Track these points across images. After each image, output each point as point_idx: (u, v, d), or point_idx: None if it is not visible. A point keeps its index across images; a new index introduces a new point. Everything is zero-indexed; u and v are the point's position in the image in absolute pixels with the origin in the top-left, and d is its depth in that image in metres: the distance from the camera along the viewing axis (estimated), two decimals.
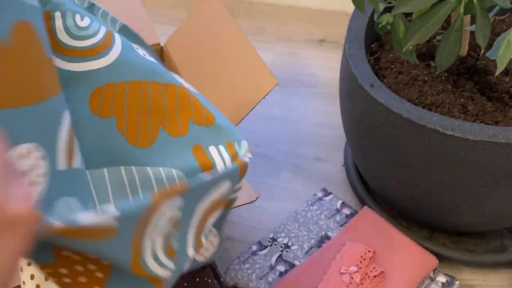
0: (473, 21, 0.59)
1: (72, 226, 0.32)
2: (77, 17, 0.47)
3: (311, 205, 0.72)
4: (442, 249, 0.70)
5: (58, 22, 0.46)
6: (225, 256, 0.72)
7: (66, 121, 0.42)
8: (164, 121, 0.48)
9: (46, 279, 0.45)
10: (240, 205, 0.58)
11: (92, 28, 0.48)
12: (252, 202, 0.59)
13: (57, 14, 0.46)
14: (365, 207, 0.71)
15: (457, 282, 0.65)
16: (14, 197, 0.29)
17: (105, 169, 0.47)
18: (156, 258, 0.40)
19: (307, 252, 0.67)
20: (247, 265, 0.66)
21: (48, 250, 0.37)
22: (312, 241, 0.68)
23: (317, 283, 0.62)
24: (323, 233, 0.69)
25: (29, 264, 0.47)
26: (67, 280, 0.38)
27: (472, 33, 0.62)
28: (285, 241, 0.68)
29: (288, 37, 1.05)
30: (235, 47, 0.70)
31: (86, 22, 0.48)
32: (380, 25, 0.62)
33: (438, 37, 0.69)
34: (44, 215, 0.31)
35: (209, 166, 0.47)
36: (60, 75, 0.44)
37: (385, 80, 0.65)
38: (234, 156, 0.47)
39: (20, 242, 0.30)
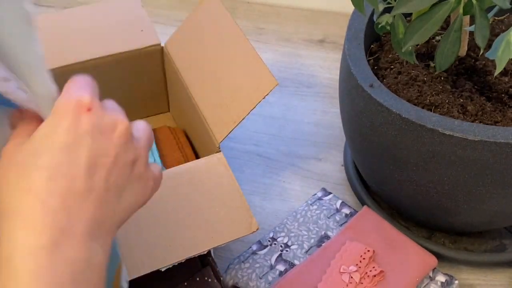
0: (472, 22, 0.59)
1: None
2: None
3: (311, 204, 0.73)
4: (441, 249, 0.70)
5: None
6: (225, 256, 0.72)
7: None
8: None
9: None
10: (240, 237, 0.59)
11: None
12: (252, 233, 0.60)
13: None
14: (365, 207, 0.71)
15: (456, 282, 0.65)
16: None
17: None
18: None
19: (306, 251, 0.67)
20: (247, 265, 0.66)
21: None
22: (312, 240, 0.68)
23: (316, 283, 0.62)
24: (323, 232, 0.69)
25: None
26: None
27: (471, 34, 0.63)
28: (285, 240, 0.68)
29: (288, 37, 1.05)
30: (235, 47, 0.70)
31: None
32: (379, 26, 0.63)
33: (437, 38, 0.69)
34: None
35: None
36: None
37: (384, 80, 0.65)
38: None
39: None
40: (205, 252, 0.58)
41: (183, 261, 0.56)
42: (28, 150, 0.34)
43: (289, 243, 0.68)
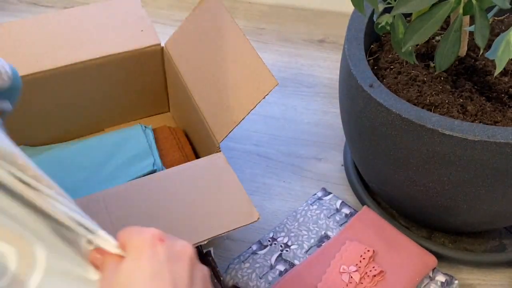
0: (472, 22, 0.59)
1: None
2: None
3: (311, 204, 0.73)
4: (441, 249, 0.70)
5: None
6: (225, 256, 0.72)
7: None
8: None
9: None
10: (241, 226, 0.59)
11: None
12: (253, 222, 0.59)
13: None
14: (365, 207, 0.71)
15: (456, 282, 0.65)
16: None
17: None
18: None
19: (306, 251, 0.67)
20: (247, 264, 0.66)
21: None
22: (312, 240, 0.68)
23: (316, 282, 0.62)
24: (323, 232, 0.69)
25: None
26: None
27: (471, 34, 0.63)
28: (285, 240, 0.68)
29: (288, 37, 1.05)
30: (235, 47, 0.70)
31: None
32: (379, 26, 0.63)
33: (437, 38, 0.69)
34: None
35: None
36: None
37: (384, 80, 0.65)
38: None
39: None
40: (205, 242, 0.58)
41: None
42: (121, 285, 0.38)
43: (289, 243, 0.68)
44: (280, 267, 0.65)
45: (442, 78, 0.64)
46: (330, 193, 0.74)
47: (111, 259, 0.41)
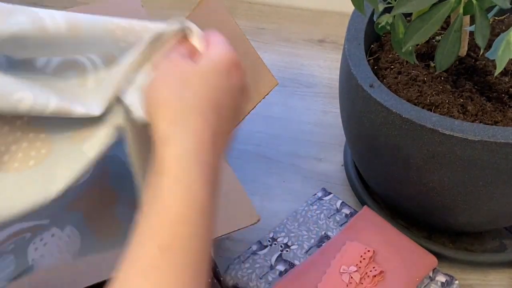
0: (472, 22, 0.59)
1: None
2: None
3: (311, 204, 0.73)
4: (441, 249, 0.70)
5: None
6: (225, 256, 0.72)
7: None
8: None
9: None
10: (241, 228, 0.59)
11: None
12: (253, 224, 0.59)
13: None
14: (365, 207, 0.71)
15: (457, 282, 0.65)
16: None
17: None
18: None
19: (307, 251, 0.67)
20: (247, 265, 0.66)
21: None
22: (312, 240, 0.68)
23: (316, 283, 0.62)
24: (323, 232, 0.69)
25: None
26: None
27: (471, 34, 0.63)
28: (285, 240, 0.68)
29: (288, 37, 1.05)
30: (235, 47, 0.69)
31: None
32: (379, 26, 0.63)
33: (437, 38, 0.69)
34: None
35: None
36: None
37: (384, 80, 0.65)
38: None
39: None
40: None
41: None
42: (190, 70, 0.41)
43: (289, 243, 0.68)
44: (280, 267, 0.65)
45: (442, 78, 0.64)
46: (330, 193, 0.74)
47: (187, 46, 0.44)
